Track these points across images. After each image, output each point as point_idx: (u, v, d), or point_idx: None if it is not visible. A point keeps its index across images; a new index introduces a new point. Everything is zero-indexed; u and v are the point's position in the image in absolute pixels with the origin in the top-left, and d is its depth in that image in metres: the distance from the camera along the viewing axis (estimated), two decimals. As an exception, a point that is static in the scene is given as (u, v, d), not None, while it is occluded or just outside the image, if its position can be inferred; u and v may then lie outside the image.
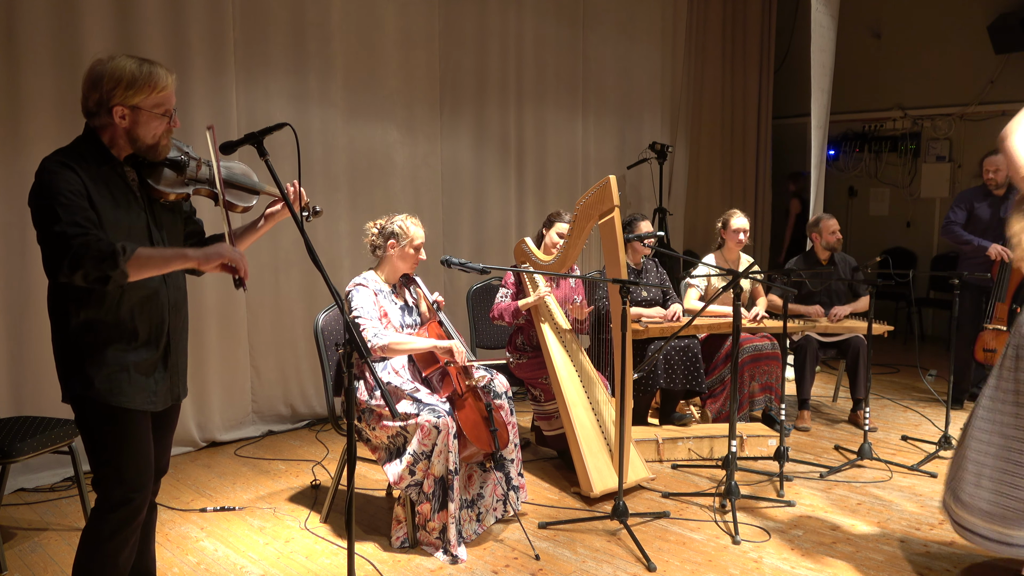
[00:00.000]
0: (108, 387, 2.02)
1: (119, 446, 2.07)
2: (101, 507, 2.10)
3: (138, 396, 2.08)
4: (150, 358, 2.11)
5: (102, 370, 2.02)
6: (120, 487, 2.07)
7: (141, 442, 2.11)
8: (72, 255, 1.85)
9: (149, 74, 2.00)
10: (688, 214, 7.31)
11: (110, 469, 2.07)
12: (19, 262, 3.64)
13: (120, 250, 1.88)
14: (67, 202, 1.89)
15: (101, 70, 1.98)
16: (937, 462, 4.05)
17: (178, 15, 4.06)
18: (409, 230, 3.23)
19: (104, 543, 2.09)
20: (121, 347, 2.04)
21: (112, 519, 2.08)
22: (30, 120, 3.60)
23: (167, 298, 2.15)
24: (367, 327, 3.08)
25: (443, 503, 3.01)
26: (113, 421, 2.05)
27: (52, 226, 1.87)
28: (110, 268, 1.88)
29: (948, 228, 5.09)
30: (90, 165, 1.99)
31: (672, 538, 3.19)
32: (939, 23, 7.32)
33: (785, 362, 3.96)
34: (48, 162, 1.96)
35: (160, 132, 2.06)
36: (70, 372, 2.03)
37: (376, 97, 4.95)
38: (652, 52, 6.75)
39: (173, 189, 2.13)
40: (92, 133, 2.04)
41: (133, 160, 2.09)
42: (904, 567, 2.96)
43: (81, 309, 2.00)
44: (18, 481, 3.66)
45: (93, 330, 2.01)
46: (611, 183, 3.42)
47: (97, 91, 1.98)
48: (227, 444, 4.42)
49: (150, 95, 2.01)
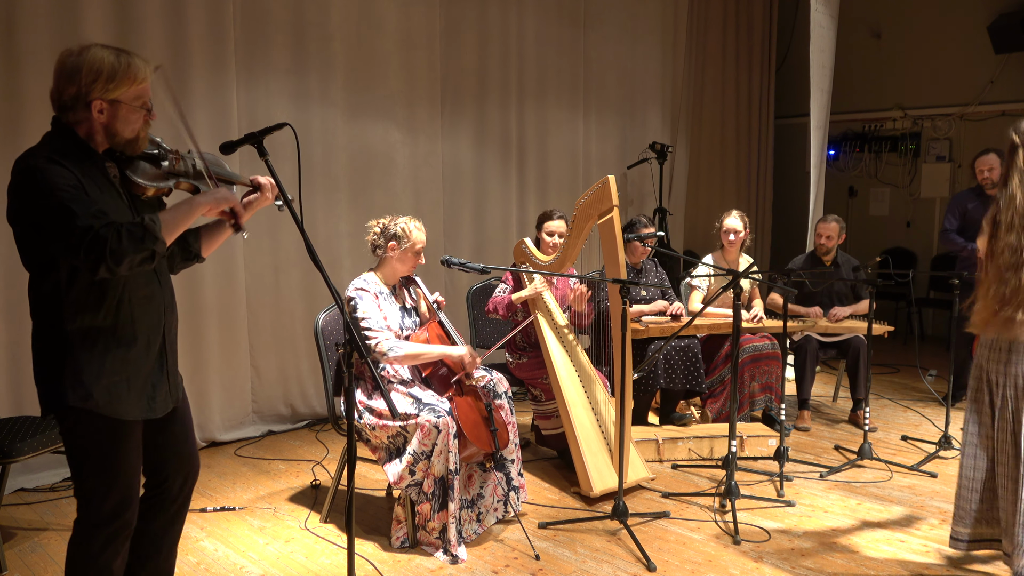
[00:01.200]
0: (108, 398, 1.93)
1: (113, 460, 1.97)
2: (89, 521, 1.99)
3: (136, 406, 2.01)
4: (148, 363, 2.04)
5: (101, 380, 1.92)
6: (109, 502, 1.98)
7: (134, 456, 2.03)
8: (111, 246, 1.75)
9: (128, 65, 1.90)
10: (688, 214, 7.31)
11: (100, 484, 1.97)
12: (19, 262, 3.63)
13: (151, 222, 1.81)
14: (74, 196, 1.80)
15: (77, 62, 1.87)
16: (937, 462, 4.05)
17: (178, 15, 4.06)
18: (412, 234, 3.22)
19: (95, 558, 2.00)
20: (120, 354, 1.96)
21: (101, 534, 1.99)
22: (30, 120, 3.60)
23: (162, 299, 2.08)
24: (379, 339, 3.06)
25: (443, 503, 3.00)
26: (109, 434, 1.96)
27: (73, 222, 1.76)
28: (152, 242, 1.81)
29: (944, 236, 5.14)
30: (72, 161, 1.88)
31: (672, 538, 3.19)
32: (939, 23, 7.32)
33: (785, 362, 3.96)
34: (32, 159, 1.85)
35: (139, 125, 1.97)
36: (62, 382, 1.91)
37: (377, 97, 4.95)
38: (653, 52, 6.75)
39: (154, 183, 2.04)
40: (66, 128, 1.93)
41: (111, 155, 2.00)
42: (904, 567, 2.95)
43: (77, 314, 1.90)
44: (18, 481, 3.66)
45: (91, 336, 1.92)
46: (610, 183, 3.42)
47: (74, 84, 1.87)
48: (227, 444, 4.42)
49: (130, 87, 1.91)
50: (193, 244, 2.23)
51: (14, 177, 1.87)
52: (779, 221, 8.20)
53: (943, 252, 7.31)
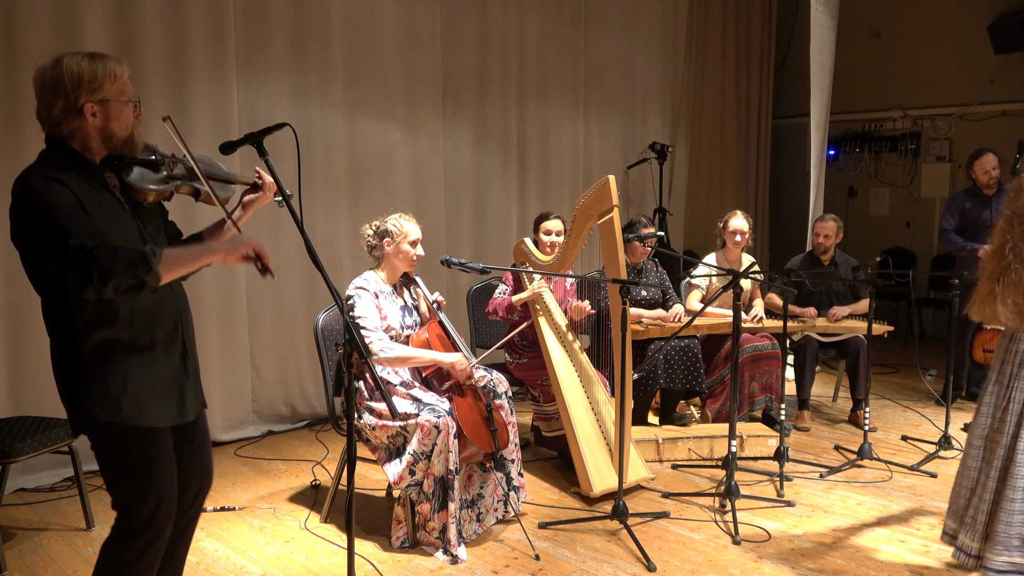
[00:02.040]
0: (137, 409, 1.93)
1: (148, 470, 1.98)
2: (124, 532, 1.99)
3: (167, 411, 2.01)
4: (172, 368, 2.04)
5: (127, 391, 1.92)
6: (146, 511, 1.98)
7: (168, 462, 2.03)
8: (100, 267, 1.73)
9: (105, 65, 1.91)
10: (688, 214, 7.31)
11: (136, 495, 1.97)
12: (19, 262, 3.63)
13: (150, 252, 1.80)
14: (71, 215, 1.79)
15: (55, 74, 1.88)
16: (937, 462, 4.05)
17: (179, 14, 4.06)
18: (403, 226, 3.23)
19: (128, 565, 2.00)
20: (143, 363, 1.96)
21: (136, 544, 1.99)
22: (30, 120, 3.57)
23: (175, 304, 2.08)
24: (372, 339, 3.06)
25: (443, 503, 3.01)
26: (141, 444, 1.97)
27: (66, 241, 1.75)
28: (144, 272, 1.78)
29: (943, 236, 5.15)
30: (71, 175, 1.87)
31: (672, 538, 3.20)
32: (939, 23, 7.32)
33: (785, 362, 3.96)
34: (31, 178, 1.84)
35: (131, 122, 1.98)
36: (91, 400, 1.90)
37: (378, 97, 4.95)
38: (653, 52, 6.75)
39: (155, 188, 2.04)
40: (60, 143, 1.93)
41: (109, 163, 2.00)
42: (904, 567, 2.96)
43: (94, 330, 1.89)
44: (18, 481, 3.66)
45: (110, 350, 1.91)
46: (610, 183, 3.42)
47: (60, 96, 1.88)
48: (227, 444, 4.42)
49: (113, 84, 1.92)
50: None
51: (13, 198, 1.86)
52: (778, 221, 8.21)
53: (943, 252, 7.31)
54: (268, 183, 2.22)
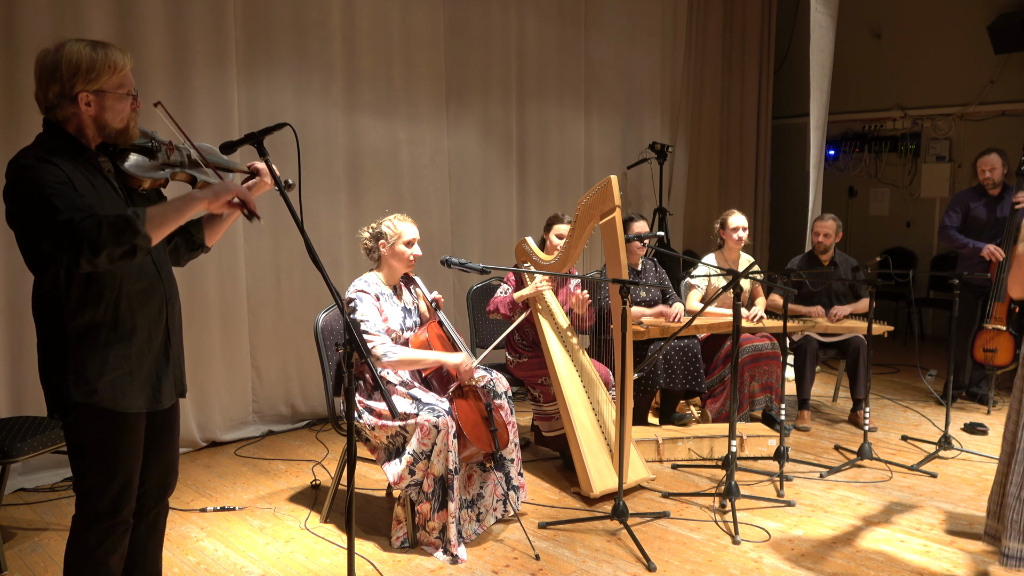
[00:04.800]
0: (111, 393, 1.95)
1: (114, 455, 1.99)
2: (86, 516, 2.01)
3: (141, 398, 2.02)
4: (152, 355, 2.05)
5: (104, 375, 1.94)
6: (108, 497, 1.99)
7: (135, 451, 2.04)
8: (89, 237, 1.74)
9: (106, 55, 1.90)
10: (688, 214, 7.31)
11: (100, 479, 1.98)
12: (19, 262, 3.58)
13: (134, 215, 1.79)
14: (59, 192, 1.80)
15: (55, 59, 1.88)
16: (937, 462, 4.05)
17: (179, 14, 4.06)
18: (397, 227, 3.22)
19: (92, 551, 2.01)
20: (122, 348, 1.97)
21: (99, 528, 2.01)
22: (30, 120, 3.60)
23: (163, 291, 2.08)
24: (376, 343, 3.06)
25: (443, 503, 3.00)
26: (113, 428, 1.97)
27: (55, 217, 1.76)
28: (132, 236, 1.78)
29: (944, 232, 5.13)
30: (65, 159, 1.88)
31: (672, 538, 3.20)
32: (939, 23, 7.32)
33: (785, 362, 3.96)
34: (24, 158, 1.85)
35: (127, 114, 1.97)
36: (66, 379, 1.92)
37: (380, 97, 4.95)
38: (653, 52, 6.75)
39: (149, 175, 2.02)
40: (56, 127, 1.93)
41: (104, 149, 2.00)
42: (904, 567, 2.96)
43: (78, 311, 1.90)
44: (18, 481, 3.66)
45: (92, 332, 1.92)
46: (612, 183, 3.42)
47: (56, 82, 1.88)
48: (227, 444, 4.42)
49: (112, 76, 1.91)
50: (196, 234, 2.23)
51: (7, 179, 1.88)
52: (778, 221, 8.20)
53: (943, 252, 7.31)
54: (263, 170, 2.19)
